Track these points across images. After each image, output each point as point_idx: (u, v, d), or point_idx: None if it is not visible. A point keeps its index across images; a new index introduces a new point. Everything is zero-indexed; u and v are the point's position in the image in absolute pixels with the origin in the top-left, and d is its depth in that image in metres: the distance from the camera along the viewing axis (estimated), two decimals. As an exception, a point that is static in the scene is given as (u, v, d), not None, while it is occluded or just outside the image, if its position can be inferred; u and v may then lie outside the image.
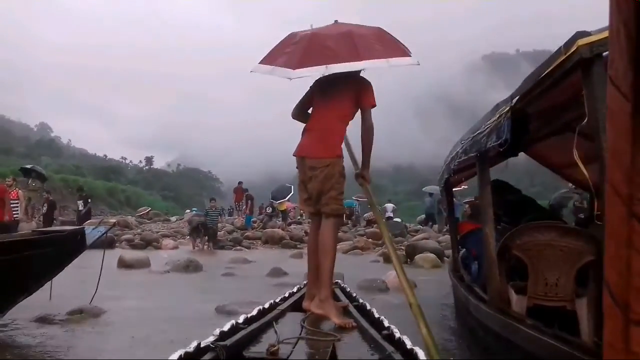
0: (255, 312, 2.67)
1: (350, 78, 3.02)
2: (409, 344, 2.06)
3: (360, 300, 3.22)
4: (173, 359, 1.71)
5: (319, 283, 2.92)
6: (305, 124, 3.18)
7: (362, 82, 3.07)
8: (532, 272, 3.05)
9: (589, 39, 2.09)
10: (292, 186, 18.91)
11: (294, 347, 2.18)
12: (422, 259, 10.39)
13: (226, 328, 2.21)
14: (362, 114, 3.03)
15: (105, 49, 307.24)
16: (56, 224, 15.93)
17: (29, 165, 23.08)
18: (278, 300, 3.17)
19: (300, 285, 3.71)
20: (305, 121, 3.21)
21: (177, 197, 58.85)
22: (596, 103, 2.03)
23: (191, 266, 9.32)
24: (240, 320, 2.43)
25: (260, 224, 19.57)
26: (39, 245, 4.65)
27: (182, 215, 28.20)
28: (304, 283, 3.58)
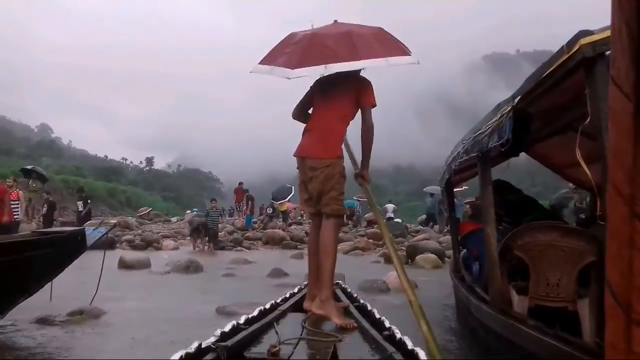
0: (256, 313, 2.67)
1: (351, 78, 3.01)
2: (410, 344, 2.06)
3: (361, 301, 3.21)
4: (174, 359, 1.71)
5: (320, 284, 2.91)
6: (306, 124, 3.17)
7: (363, 82, 3.06)
8: (534, 273, 3.04)
9: (591, 37, 2.07)
10: (293, 187, 18.91)
11: (295, 348, 2.17)
12: (423, 259, 10.39)
13: (227, 329, 2.21)
14: (362, 113, 3.03)
15: (105, 49, 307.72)
16: (56, 224, 15.94)
17: (30, 166, 23.13)
18: (279, 300, 3.16)
19: (301, 285, 3.70)
20: (305, 121, 3.20)
21: (178, 198, 58.91)
22: (599, 102, 2.01)
23: (192, 267, 9.31)
24: (241, 320, 2.43)
25: (261, 224, 19.59)
26: (39, 246, 4.65)
27: (183, 215, 28.21)
28: (304, 283, 3.58)
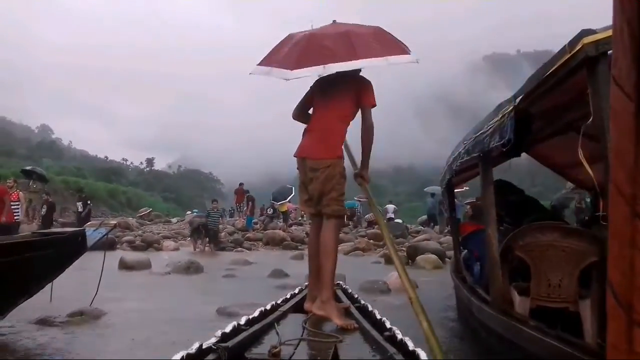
0: (256, 314, 2.67)
1: (350, 78, 3.00)
2: (411, 345, 2.05)
3: (362, 302, 3.20)
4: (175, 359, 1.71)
5: (321, 284, 2.90)
6: (306, 125, 3.16)
7: (362, 82, 3.05)
8: (535, 273, 3.03)
9: (594, 37, 2.05)
10: (293, 187, 18.91)
11: (295, 349, 2.17)
12: (424, 260, 10.39)
13: (228, 329, 2.20)
14: (362, 113, 3.02)
15: (105, 50, 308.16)
16: (57, 225, 15.92)
17: (29, 167, 23.13)
18: (280, 301, 3.16)
19: (301, 286, 3.69)
20: (306, 122, 3.19)
21: (178, 199, 58.88)
22: (602, 102, 1.99)
23: (192, 268, 9.31)
24: (242, 321, 2.42)
25: (262, 225, 19.58)
26: (39, 247, 4.64)
27: (183, 216, 28.20)
28: (305, 284, 3.57)
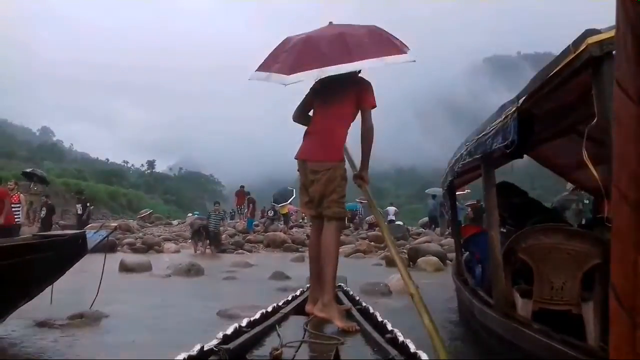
0: (258, 316, 2.66)
1: (350, 79, 2.99)
2: (412, 347, 2.04)
3: (363, 304, 3.19)
4: None
5: (322, 286, 2.90)
6: (307, 127, 3.16)
7: (362, 83, 3.04)
8: (538, 276, 3.02)
9: (598, 36, 2.02)
10: (294, 189, 18.91)
11: (297, 351, 2.16)
12: (425, 262, 10.36)
13: (229, 331, 2.19)
14: (362, 114, 3.01)
15: (106, 52, 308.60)
16: (58, 228, 15.90)
17: (30, 169, 23.16)
18: (281, 303, 3.14)
19: (302, 288, 3.69)
20: (306, 124, 3.18)
21: (179, 201, 58.94)
22: (606, 103, 1.96)
23: (193, 270, 9.28)
24: (244, 323, 2.41)
25: (262, 227, 19.58)
26: (40, 249, 4.63)
27: (184, 218, 28.22)
28: (306, 286, 3.57)
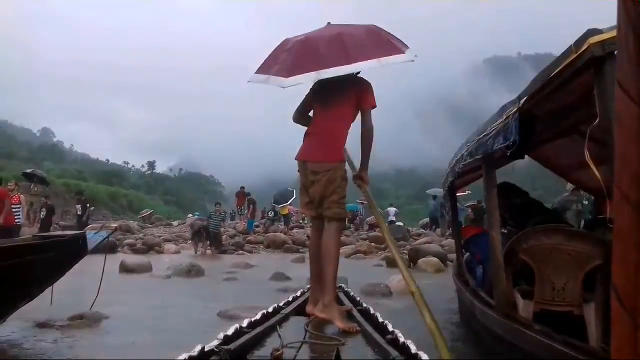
0: (258, 316, 2.65)
1: (349, 79, 2.97)
2: (413, 348, 2.04)
3: (364, 305, 3.19)
4: None
5: (323, 287, 2.89)
6: (307, 128, 3.15)
7: (362, 83, 3.03)
8: (539, 277, 3.01)
9: (600, 36, 2.01)
10: (294, 190, 18.91)
11: (297, 351, 2.16)
12: (425, 263, 10.35)
13: (230, 332, 2.19)
14: (362, 115, 3.00)
15: (106, 53, 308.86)
16: (58, 228, 15.88)
17: (30, 170, 23.14)
18: (281, 304, 3.14)
19: (303, 289, 3.69)
20: (306, 124, 3.17)
21: (179, 202, 58.90)
22: (608, 103, 1.94)
23: (193, 271, 9.28)
24: (244, 324, 2.41)
25: (263, 228, 19.57)
26: (40, 250, 4.63)
27: (184, 219, 28.22)
28: (307, 287, 3.57)
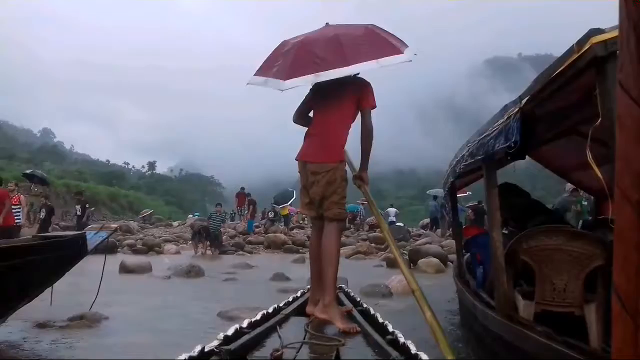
0: (259, 317, 2.65)
1: (349, 80, 2.97)
2: (413, 349, 2.03)
3: (364, 305, 3.18)
4: None
5: (323, 288, 2.89)
6: (307, 129, 3.15)
7: (361, 83, 3.03)
8: (540, 277, 3.00)
9: (603, 36, 1.99)
10: (295, 191, 18.92)
11: (297, 352, 2.15)
12: (426, 263, 10.34)
13: (230, 332, 2.19)
14: (362, 115, 3.00)
15: (106, 54, 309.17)
16: (57, 228, 15.86)
17: (30, 170, 23.15)
18: (281, 304, 3.14)
19: (303, 290, 3.69)
20: (306, 125, 3.17)
21: (180, 202, 58.84)
22: (610, 103, 1.93)
23: (193, 271, 9.29)
24: (244, 324, 2.41)
25: (263, 228, 19.57)
26: (40, 250, 4.62)
27: (185, 220, 28.22)
28: (307, 288, 3.56)
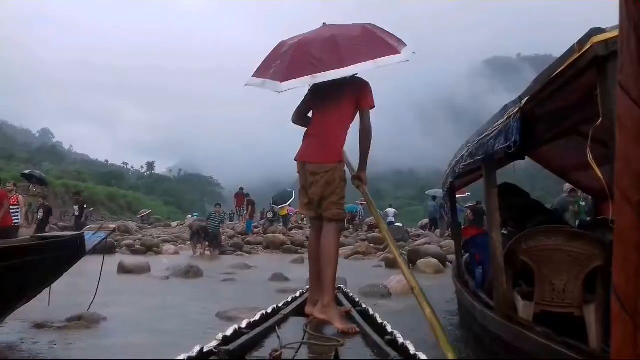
0: (257, 317, 2.65)
1: (347, 80, 2.96)
2: (412, 349, 2.03)
3: (363, 305, 3.18)
4: None
5: (322, 288, 2.88)
6: (306, 129, 3.15)
7: (360, 83, 3.03)
8: (539, 278, 3.00)
9: (604, 35, 1.98)
10: (294, 191, 18.92)
11: (296, 352, 2.15)
12: (425, 264, 10.33)
13: (229, 333, 2.19)
14: (361, 115, 3.00)
15: (105, 54, 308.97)
16: (55, 229, 15.82)
17: (28, 171, 23.10)
18: (280, 305, 3.13)
19: (302, 290, 3.68)
20: (305, 125, 3.17)
21: (179, 202, 58.75)
22: (611, 104, 1.91)
23: (191, 272, 9.28)
24: (243, 325, 2.41)
25: (262, 229, 19.56)
26: (38, 251, 4.60)
27: (183, 220, 28.19)
28: (306, 288, 3.56)
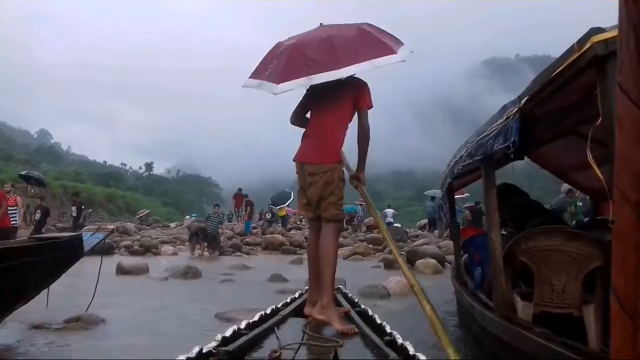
0: (256, 318, 2.64)
1: (345, 80, 2.94)
2: (411, 349, 2.03)
3: (362, 306, 3.18)
4: None
5: (321, 289, 2.88)
6: (305, 130, 3.15)
7: (358, 84, 3.02)
8: (538, 278, 2.99)
9: (604, 35, 1.97)
10: (292, 192, 18.92)
11: (295, 353, 2.14)
12: (423, 264, 10.34)
13: (228, 334, 2.19)
14: (359, 115, 3.00)
15: (104, 55, 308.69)
16: (52, 230, 15.78)
17: (26, 172, 23.05)
18: (279, 306, 3.13)
19: (301, 290, 3.68)
20: (303, 126, 3.17)
21: (177, 203, 58.66)
22: (611, 103, 1.89)
23: (190, 272, 9.27)
24: (242, 326, 2.40)
25: (260, 229, 19.55)
26: (36, 252, 4.58)
27: (182, 221, 28.16)
28: (305, 288, 3.56)
